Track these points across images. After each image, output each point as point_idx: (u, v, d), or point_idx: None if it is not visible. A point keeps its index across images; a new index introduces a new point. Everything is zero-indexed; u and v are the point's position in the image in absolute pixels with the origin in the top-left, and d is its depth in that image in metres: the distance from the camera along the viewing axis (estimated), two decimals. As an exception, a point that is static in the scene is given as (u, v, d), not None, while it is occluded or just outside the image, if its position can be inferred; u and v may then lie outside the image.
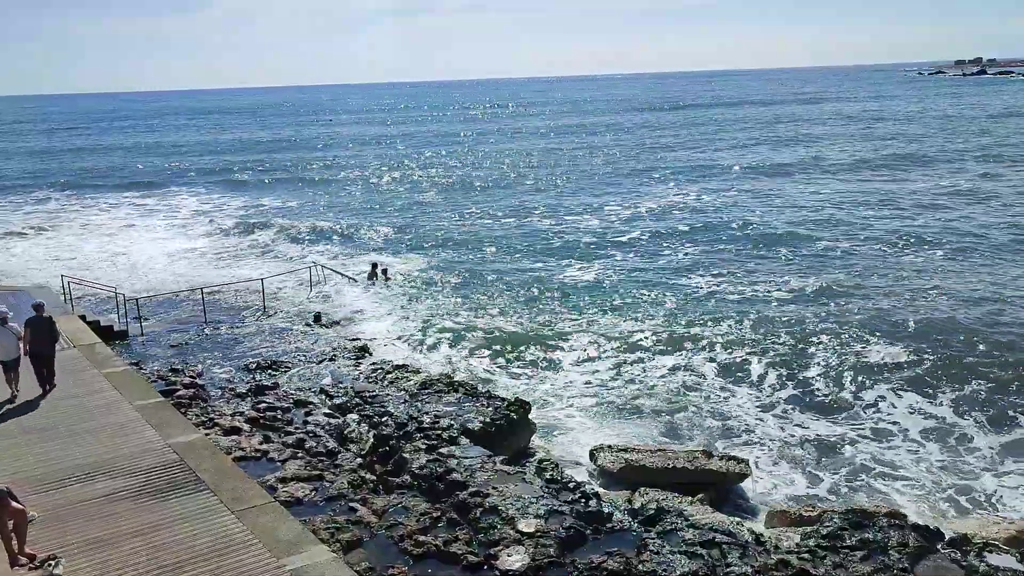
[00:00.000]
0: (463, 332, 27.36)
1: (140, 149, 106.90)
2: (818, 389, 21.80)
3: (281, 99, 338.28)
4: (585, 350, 25.27)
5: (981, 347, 24.23)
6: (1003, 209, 45.30)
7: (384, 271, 33.51)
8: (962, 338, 25.05)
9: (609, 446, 18.00)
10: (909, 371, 22.74)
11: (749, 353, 24.53)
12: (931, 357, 23.61)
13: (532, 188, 60.53)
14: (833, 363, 23.53)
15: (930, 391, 21.38)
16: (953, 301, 28.72)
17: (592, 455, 17.78)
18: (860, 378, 22.40)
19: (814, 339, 25.44)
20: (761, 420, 20.07)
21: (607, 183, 61.99)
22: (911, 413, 20.16)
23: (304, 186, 66.27)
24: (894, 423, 19.73)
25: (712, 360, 24.03)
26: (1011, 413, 20.00)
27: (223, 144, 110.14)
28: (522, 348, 25.62)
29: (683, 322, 27.65)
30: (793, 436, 19.19)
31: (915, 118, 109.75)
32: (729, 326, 27.05)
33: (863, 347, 24.57)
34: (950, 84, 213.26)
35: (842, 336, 25.59)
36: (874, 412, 20.34)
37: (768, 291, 31.13)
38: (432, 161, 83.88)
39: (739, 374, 22.92)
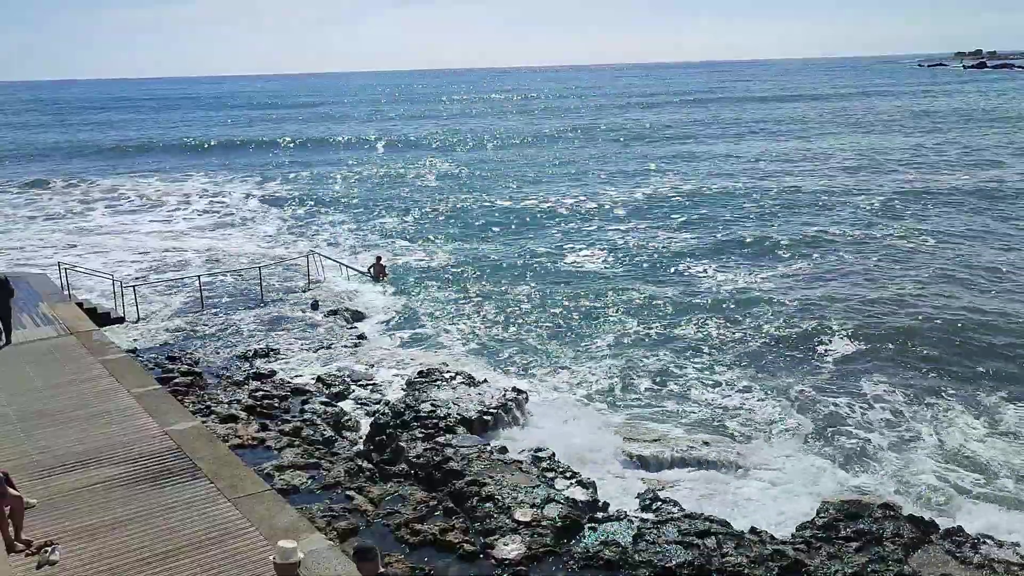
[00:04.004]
0: (461, 321, 27.37)
1: (136, 136, 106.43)
2: (815, 380, 21.82)
3: (278, 87, 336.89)
4: (584, 339, 25.27)
5: (980, 339, 24.22)
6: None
7: (381, 266, 33.31)
8: (962, 330, 25.08)
9: (607, 435, 18.01)
10: (907, 362, 22.76)
11: (747, 344, 24.54)
12: (929, 348, 23.63)
13: (534, 179, 60.35)
14: (831, 354, 23.55)
15: (928, 382, 21.40)
16: (956, 294, 28.73)
17: (589, 444, 17.78)
18: (858, 369, 22.44)
19: (812, 329, 25.43)
20: (758, 410, 20.09)
21: (611, 173, 61.96)
22: (907, 404, 20.18)
23: (302, 175, 66.04)
24: (890, 414, 19.75)
25: (711, 350, 24.04)
26: (1008, 403, 20.04)
27: (221, 131, 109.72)
28: (520, 337, 25.62)
29: (683, 312, 27.64)
30: (789, 427, 19.22)
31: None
32: (729, 316, 27.06)
33: (861, 339, 24.58)
34: (973, 78, 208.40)
35: (839, 327, 25.59)
36: (871, 403, 20.35)
37: (770, 282, 31.12)
38: (433, 152, 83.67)
39: (737, 365, 22.93)
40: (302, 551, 9.37)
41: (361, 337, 25.05)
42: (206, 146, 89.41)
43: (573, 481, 15.05)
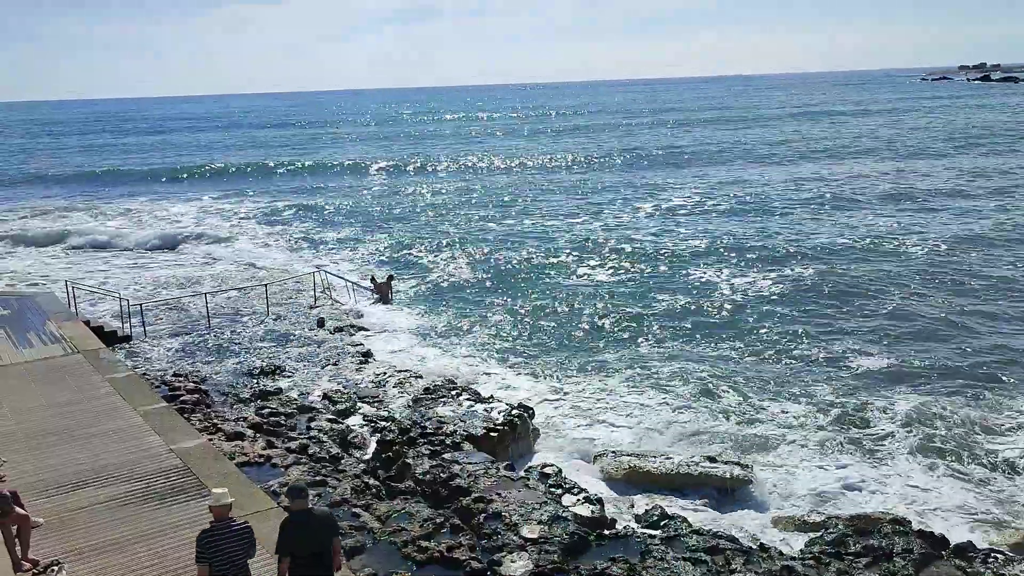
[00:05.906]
0: (467, 338, 27.36)
1: (139, 154, 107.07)
2: (822, 395, 21.72)
3: (281, 104, 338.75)
4: (592, 356, 25.24)
5: (986, 354, 24.13)
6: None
7: (388, 283, 33.33)
8: (968, 345, 25.01)
9: (613, 451, 17.97)
10: (913, 378, 22.67)
11: (754, 359, 24.49)
12: (937, 364, 23.54)
13: (542, 198, 60.39)
14: (838, 369, 23.47)
15: (935, 398, 21.27)
16: (964, 312, 28.63)
17: (596, 460, 17.74)
18: (864, 384, 22.34)
19: (821, 345, 25.39)
20: (765, 425, 20.00)
21: (613, 192, 62.12)
22: (915, 420, 20.06)
23: (310, 193, 66.28)
24: (897, 429, 19.65)
25: (716, 366, 23.98)
26: (1015, 418, 19.93)
27: (224, 153, 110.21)
28: (527, 354, 25.59)
29: (691, 329, 27.59)
30: (797, 442, 19.12)
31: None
32: (734, 332, 27.01)
33: (869, 354, 24.51)
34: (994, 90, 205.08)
35: (849, 342, 25.54)
36: (878, 418, 20.26)
37: (774, 297, 31.07)
38: (439, 169, 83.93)
39: (744, 379, 22.85)
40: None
41: (367, 354, 25.04)
42: (211, 168, 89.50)
43: (580, 498, 14.98)
